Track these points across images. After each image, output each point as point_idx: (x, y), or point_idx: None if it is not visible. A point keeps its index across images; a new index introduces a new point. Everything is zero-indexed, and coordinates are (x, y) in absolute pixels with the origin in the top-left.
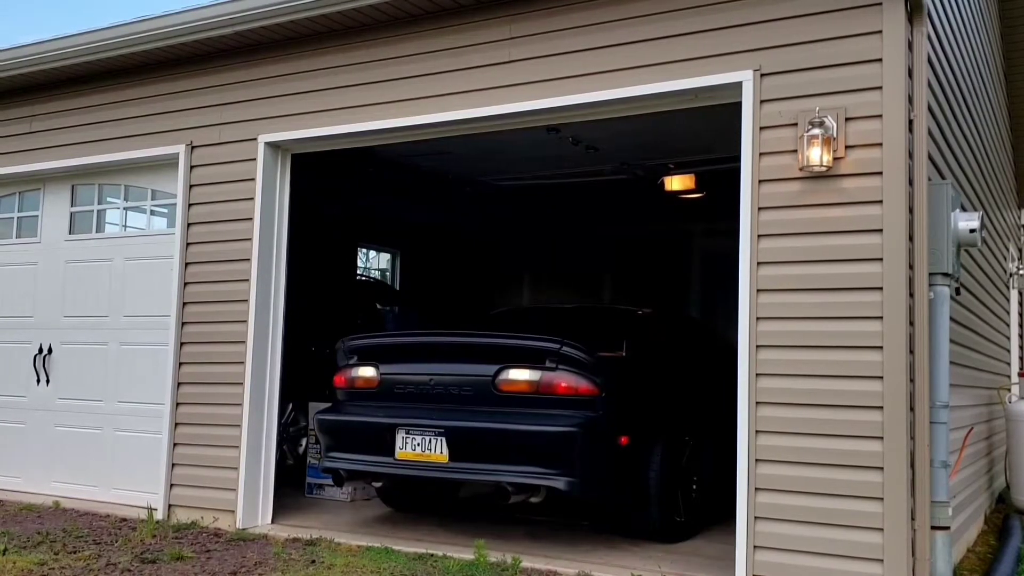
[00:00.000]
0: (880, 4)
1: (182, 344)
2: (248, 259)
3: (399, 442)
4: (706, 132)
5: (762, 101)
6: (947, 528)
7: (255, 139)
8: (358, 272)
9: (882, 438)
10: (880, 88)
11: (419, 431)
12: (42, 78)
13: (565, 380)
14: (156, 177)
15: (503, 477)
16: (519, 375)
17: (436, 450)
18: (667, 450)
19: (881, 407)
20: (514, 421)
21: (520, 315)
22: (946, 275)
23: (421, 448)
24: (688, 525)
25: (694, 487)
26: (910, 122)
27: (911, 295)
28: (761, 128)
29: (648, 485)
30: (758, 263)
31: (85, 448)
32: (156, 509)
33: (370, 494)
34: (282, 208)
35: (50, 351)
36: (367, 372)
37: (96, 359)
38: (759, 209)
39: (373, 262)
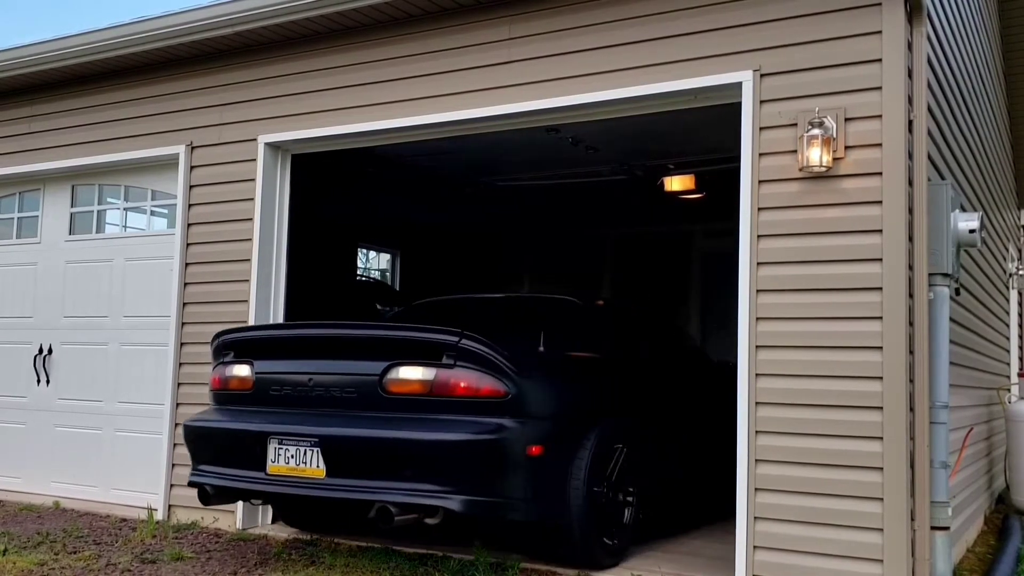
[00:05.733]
0: (880, 4)
1: (182, 344)
2: (248, 259)
3: (271, 454)
4: (706, 132)
5: (762, 101)
6: (947, 528)
7: (255, 139)
8: (358, 272)
9: (882, 438)
10: (880, 88)
11: (293, 441)
12: (42, 78)
13: (465, 379)
14: (156, 177)
15: (385, 496)
16: (410, 374)
17: (311, 463)
18: (594, 461)
19: (881, 407)
20: (401, 428)
21: (442, 306)
22: (946, 275)
23: (295, 461)
24: (619, 548)
25: (630, 502)
26: (910, 123)
27: (911, 295)
28: (761, 128)
29: (568, 502)
30: (758, 263)
31: (85, 448)
32: (156, 509)
33: None
34: (282, 208)
35: (50, 351)
36: (241, 371)
37: (96, 359)
38: (759, 209)
39: (373, 262)
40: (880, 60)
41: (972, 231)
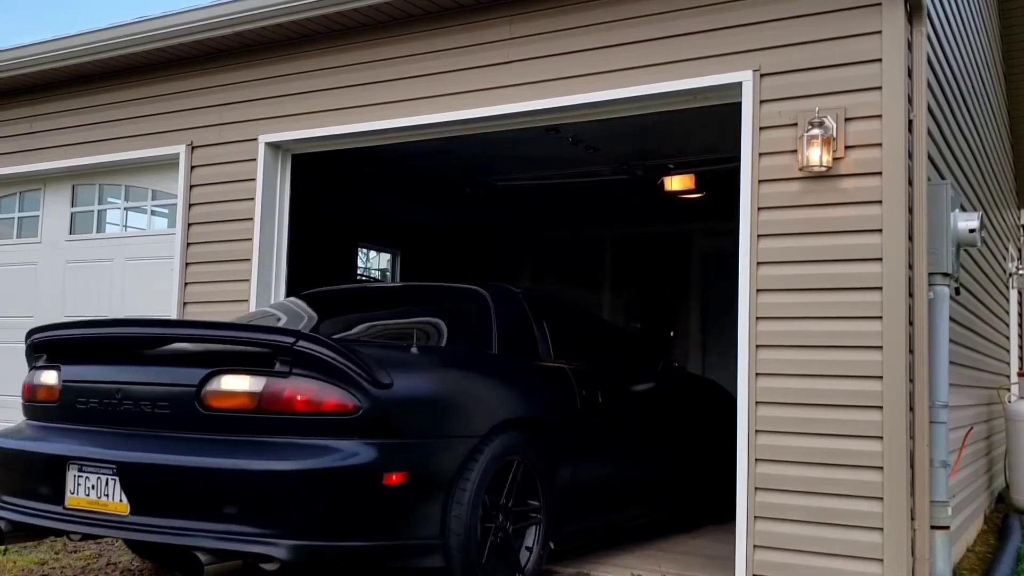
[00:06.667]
0: (880, 4)
1: None
2: (248, 259)
3: (70, 483)
4: (706, 132)
5: (762, 101)
6: (947, 528)
7: (255, 139)
8: (358, 272)
9: (882, 438)
10: (880, 88)
11: (93, 468)
12: (42, 78)
13: (302, 391)
14: (157, 177)
15: (195, 540)
16: (233, 384)
17: (114, 496)
18: (485, 485)
19: (881, 407)
20: (218, 455)
21: (329, 297)
22: (946, 275)
23: (96, 493)
24: None
25: (536, 531)
26: (910, 122)
27: (911, 295)
28: (761, 128)
29: (447, 540)
30: (758, 263)
31: None
32: None
33: None
34: (282, 208)
35: None
36: (48, 379)
37: None
38: (759, 209)
39: (373, 262)
40: (880, 60)
41: (972, 231)
